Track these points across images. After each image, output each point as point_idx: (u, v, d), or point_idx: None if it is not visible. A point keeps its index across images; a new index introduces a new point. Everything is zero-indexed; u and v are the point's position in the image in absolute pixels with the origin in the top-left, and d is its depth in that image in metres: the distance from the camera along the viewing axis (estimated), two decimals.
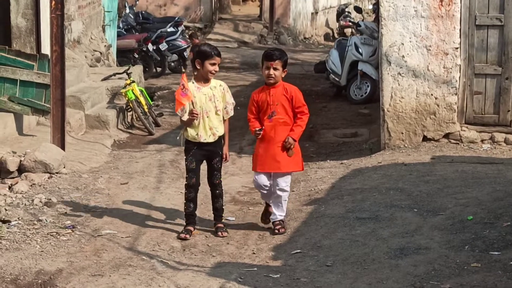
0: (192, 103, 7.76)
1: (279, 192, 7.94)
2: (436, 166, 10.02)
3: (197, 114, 7.67)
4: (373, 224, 8.09)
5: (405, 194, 8.85)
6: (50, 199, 9.21)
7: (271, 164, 7.87)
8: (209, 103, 7.81)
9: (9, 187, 9.61)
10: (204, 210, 8.79)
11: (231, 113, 8.15)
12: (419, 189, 9.00)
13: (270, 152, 7.85)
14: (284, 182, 7.94)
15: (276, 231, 7.95)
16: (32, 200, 9.10)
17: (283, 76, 7.94)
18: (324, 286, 6.74)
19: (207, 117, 7.79)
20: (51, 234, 8.09)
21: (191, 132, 7.83)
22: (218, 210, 8.14)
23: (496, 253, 7.07)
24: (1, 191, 9.44)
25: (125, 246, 7.89)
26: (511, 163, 10.06)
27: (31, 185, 9.75)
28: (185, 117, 7.73)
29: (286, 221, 8.27)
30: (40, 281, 6.87)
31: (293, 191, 9.74)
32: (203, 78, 7.87)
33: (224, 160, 8.18)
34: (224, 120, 8.05)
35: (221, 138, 8.01)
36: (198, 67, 7.83)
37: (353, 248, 7.57)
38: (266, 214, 8.18)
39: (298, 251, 7.62)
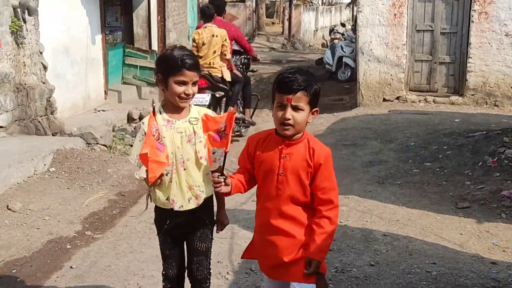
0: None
1: None
2: (391, 115, 9.83)
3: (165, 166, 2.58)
4: (353, 148, 8.01)
5: (372, 131, 8.72)
6: None
7: (275, 270, 2.50)
8: (187, 146, 2.65)
9: (134, 128, 9.61)
10: None
11: (219, 163, 2.72)
12: (381, 128, 8.85)
13: (270, 250, 2.49)
14: None
15: None
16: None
17: (309, 121, 2.49)
18: None
19: (184, 169, 2.65)
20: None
21: (159, 195, 2.69)
22: None
23: (428, 164, 7.00)
24: (129, 129, 9.48)
25: None
26: (436, 113, 9.85)
27: None
28: (142, 173, 2.59)
29: None
30: None
31: None
32: (174, 106, 2.66)
33: (217, 230, 2.91)
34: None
35: (210, 200, 2.79)
36: (161, 87, 2.67)
37: (341, 161, 7.50)
38: None
39: None
